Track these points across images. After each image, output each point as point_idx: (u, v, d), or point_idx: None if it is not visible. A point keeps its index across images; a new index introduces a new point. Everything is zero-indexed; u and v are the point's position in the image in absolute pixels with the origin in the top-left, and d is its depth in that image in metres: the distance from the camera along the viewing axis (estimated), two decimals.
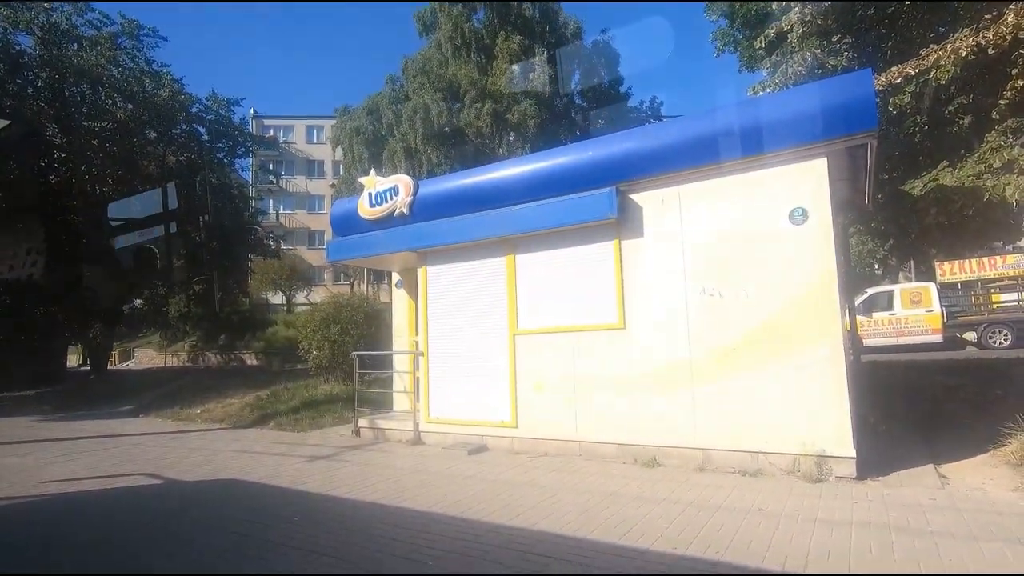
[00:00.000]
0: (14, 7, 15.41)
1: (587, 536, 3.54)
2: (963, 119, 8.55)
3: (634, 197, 5.72)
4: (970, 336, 15.52)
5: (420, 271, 7.23)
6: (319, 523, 4.11)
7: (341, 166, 31.00)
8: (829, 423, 4.58)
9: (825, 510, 3.81)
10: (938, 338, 14.66)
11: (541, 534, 3.62)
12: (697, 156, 5.29)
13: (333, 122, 31.54)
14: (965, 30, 6.49)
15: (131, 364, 26.07)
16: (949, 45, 6.28)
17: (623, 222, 5.71)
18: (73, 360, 26.62)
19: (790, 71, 8.96)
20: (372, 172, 7.84)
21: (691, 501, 4.15)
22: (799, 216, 4.86)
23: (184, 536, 4.00)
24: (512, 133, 23.28)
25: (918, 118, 8.91)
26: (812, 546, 3.21)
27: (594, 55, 25.54)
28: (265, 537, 3.84)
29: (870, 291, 16.30)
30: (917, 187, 8.30)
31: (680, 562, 3.10)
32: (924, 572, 2.84)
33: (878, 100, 6.70)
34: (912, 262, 19.81)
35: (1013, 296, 17.39)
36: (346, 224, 7.84)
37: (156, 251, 15.48)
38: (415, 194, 7.09)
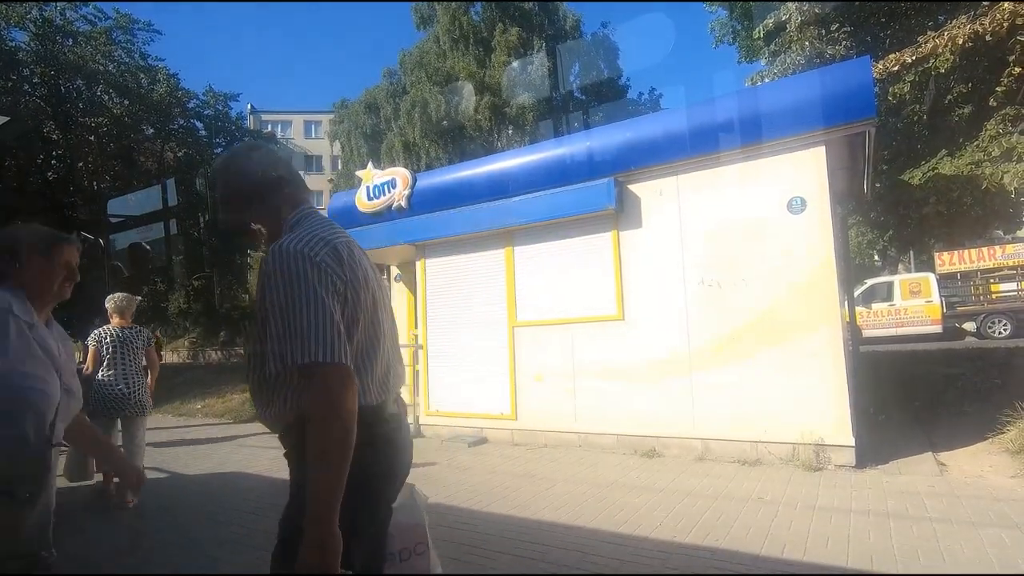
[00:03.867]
0: (8, 3, 15.33)
1: (586, 525, 3.55)
2: (963, 108, 8.53)
3: (632, 188, 5.71)
4: (969, 326, 15.52)
5: (419, 264, 7.21)
6: None
7: (339, 161, 30.91)
8: (828, 412, 4.59)
9: (824, 498, 3.82)
10: (937, 328, 14.65)
11: (540, 523, 3.63)
12: (695, 146, 5.28)
13: (331, 117, 31.45)
14: (962, 17, 6.46)
15: None
16: (946, 33, 6.27)
17: (621, 213, 5.70)
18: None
19: (789, 61, 8.94)
20: (370, 165, 7.82)
21: (690, 490, 4.16)
22: (798, 205, 4.85)
23: (187, 529, 4.01)
24: (511, 126, 23.20)
25: (917, 107, 8.90)
26: (811, 533, 3.22)
27: (593, 48, 25.42)
28: (266, 529, 3.85)
29: (869, 282, 16.29)
30: (916, 176, 8.30)
31: (679, 550, 3.11)
32: (921, 560, 2.85)
33: (877, 89, 6.69)
34: (911, 253, 19.80)
35: (1012, 286, 17.36)
36: (344, 217, 7.81)
37: (151, 249, 15.46)
38: (413, 187, 7.07)
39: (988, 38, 6.08)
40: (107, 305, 4.71)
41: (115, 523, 4.32)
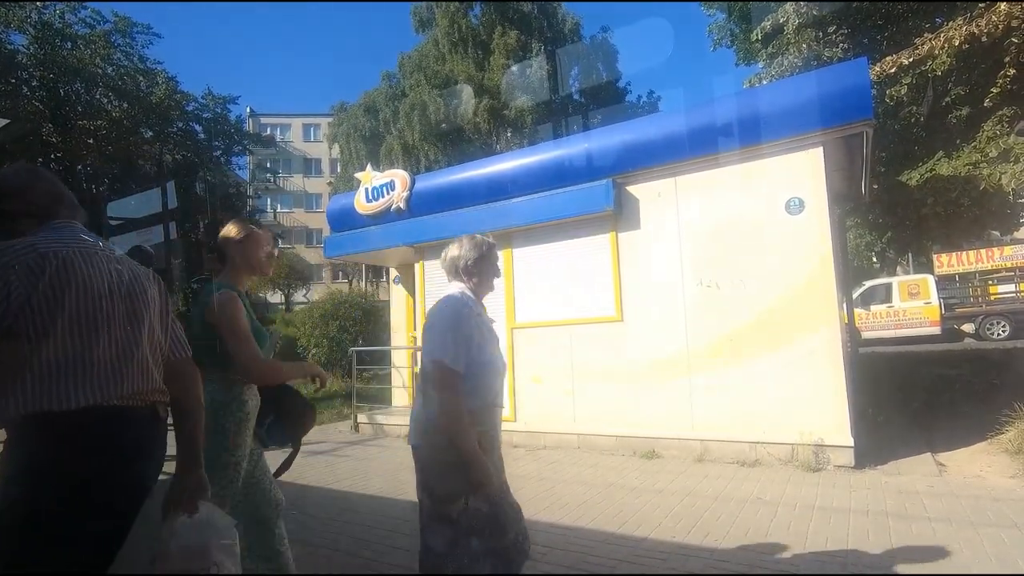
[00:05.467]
0: (6, 5, 15.35)
1: (586, 526, 3.55)
2: (960, 109, 8.56)
3: (631, 189, 5.72)
4: (968, 328, 15.54)
5: (417, 266, 7.22)
6: (318, 516, 4.11)
7: (338, 164, 30.92)
8: (827, 412, 4.59)
9: (823, 498, 3.82)
10: (936, 330, 14.67)
11: (539, 524, 3.62)
12: (694, 148, 5.29)
13: (330, 120, 31.44)
14: (959, 19, 6.48)
15: None
16: (943, 34, 6.28)
17: (620, 214, 5.71)
18: None
19: (786, 63, 8.97)
20: (368, 167, 7.83)
21: (689, 491, 4.16)
22: (796, 206, 4.86)
23: None
24: (510, 129, 23.22)
25: (915, 108, 8.93)
26: (810, 533, 3.22)
27: (592, 52, 25.43)
28: None
29: (868, 284, 16.32)
30: (914, 177, 8.32)
31: (678, 550, 3.10)
32: (921, 560, 2.85)
33: (875, 91, 6.71)
34: (910, 255, 19.83)
35: (1010, 287, 17.40)
36: (343, 220, 7.83)
37: (151, 252, 15.42)
38: (411, 189, 7.08)
39: (984, 40, 6.11)
40: None
41: None
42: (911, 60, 6.54)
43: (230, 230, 2.34)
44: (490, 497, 1.94)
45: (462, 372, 1.94)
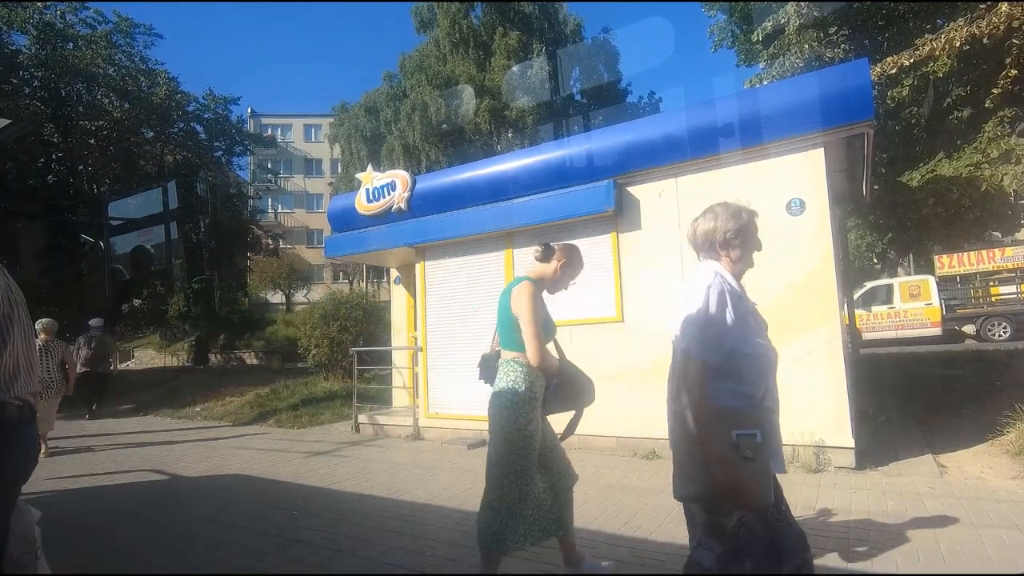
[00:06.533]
0: (8, 6, 15.37)
1: (586, 526, 3.54)
2: (961, 111, 8.56)
3: (631, 190, 5.72)
4: (969, 329, 15.52)
5: (418, 266, 7.22)
6: (319, 516, 4.12)
7: (339, 164, 30.92)
8: (828, 413, 4.59)
9: (823, 499, 3.82)
10: (937, 331, 14.66)
11: None
12: (695, 148, 5.29)
13: (331, 120, 31.47)
14: (960, 20, 6.48)
15: (131, 364, 26.04)
16: (944, 36, 6.28)
17: (621, 215, 5.71)
18: None
19: (787, 64, 8.96)
20: (369, 167, 7.83)
21: None
22: (797, 207, 4.86)
23: (187, 530, 4.00)
24: (511, 130, 23.22)
25: (916, 109, 8.92)
26: (810, 534, 3.19)
27: (594, 52, 25.45)
28: (265, 531, 3.84)
29: (869, 285, 16.31)
30: (915, 178, 8.31)
31: (678, 551, 3.09)
32: (922, 560, 2.84)
33: (876, 92, 6.71)
34: (911, 256, 19.83)
35: (1012, 288, 17.38)
36: (344, 220, 7.83)
37: (152, 252, 15.44)
38: (412, 189, 7.08)
39: (985, 41, 6.11)
40: (36, 326, 6.56)
41: (114, 524, 4.31)
42: (912, 61, 6.54)
43: (564, 250, 2.74)
44: (763, 516, 1.67)
45: (712, 363, 1.71)
